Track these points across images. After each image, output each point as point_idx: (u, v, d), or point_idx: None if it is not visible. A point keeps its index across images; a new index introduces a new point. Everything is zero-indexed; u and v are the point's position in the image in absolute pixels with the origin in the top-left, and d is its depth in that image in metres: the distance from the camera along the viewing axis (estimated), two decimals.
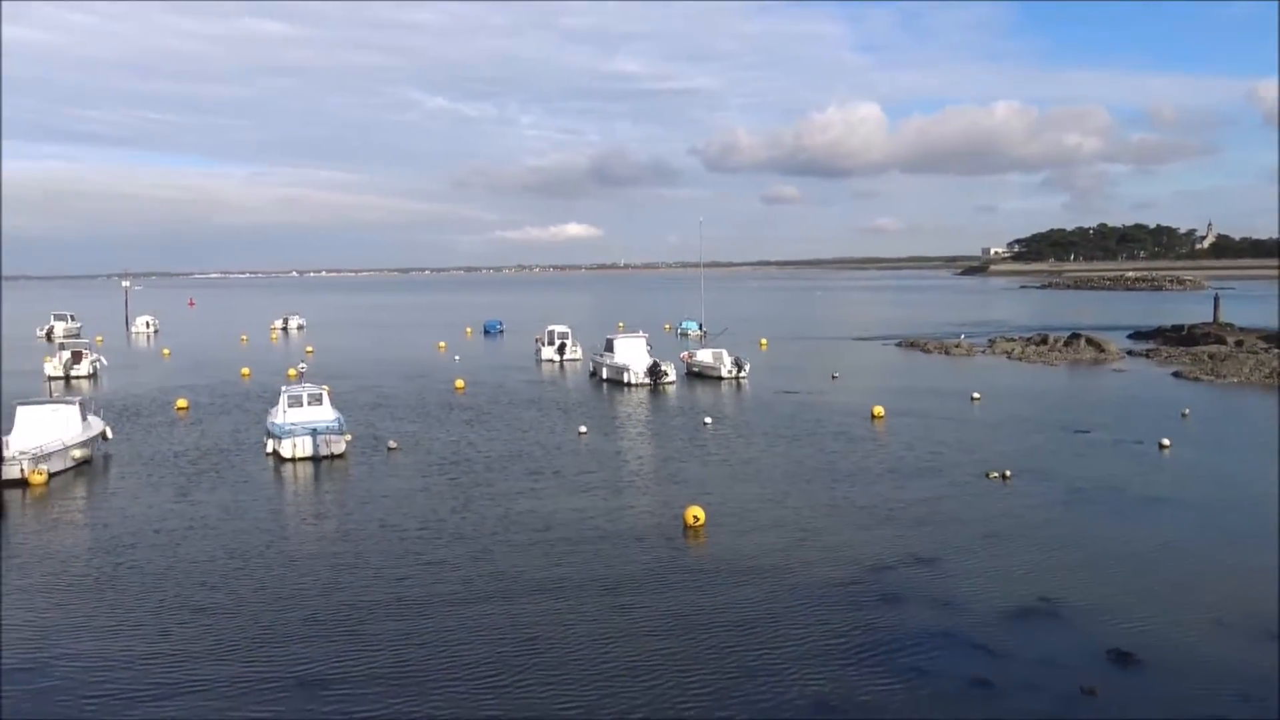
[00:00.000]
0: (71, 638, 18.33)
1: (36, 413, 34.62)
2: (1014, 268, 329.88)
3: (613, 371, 56.34)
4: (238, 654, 17.34)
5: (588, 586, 20.70)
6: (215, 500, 28.76)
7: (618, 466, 33.46)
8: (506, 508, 27.36)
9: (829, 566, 21.79)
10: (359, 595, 20.30)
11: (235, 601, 19.96)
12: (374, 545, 24.01)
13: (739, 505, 27.38)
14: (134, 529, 25.74)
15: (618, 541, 24.04)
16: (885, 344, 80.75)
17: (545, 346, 70.56)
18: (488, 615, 19.10)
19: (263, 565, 22.38)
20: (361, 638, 17.97)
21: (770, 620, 18.59)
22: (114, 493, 30.50)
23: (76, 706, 15.51)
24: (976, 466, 31.72)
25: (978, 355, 69.70)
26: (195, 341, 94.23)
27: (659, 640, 17.71)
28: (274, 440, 35.44)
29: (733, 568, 21.84)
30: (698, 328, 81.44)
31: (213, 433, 40.79)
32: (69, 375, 62.03)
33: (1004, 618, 18.58)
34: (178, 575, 21.72)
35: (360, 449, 36.28)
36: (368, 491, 29.84)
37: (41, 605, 20.13)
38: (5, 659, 17.32)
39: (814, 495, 28.58)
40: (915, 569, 21.57)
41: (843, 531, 24.65)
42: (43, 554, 24.00)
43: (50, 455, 32.24)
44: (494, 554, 23.08)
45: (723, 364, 57.03)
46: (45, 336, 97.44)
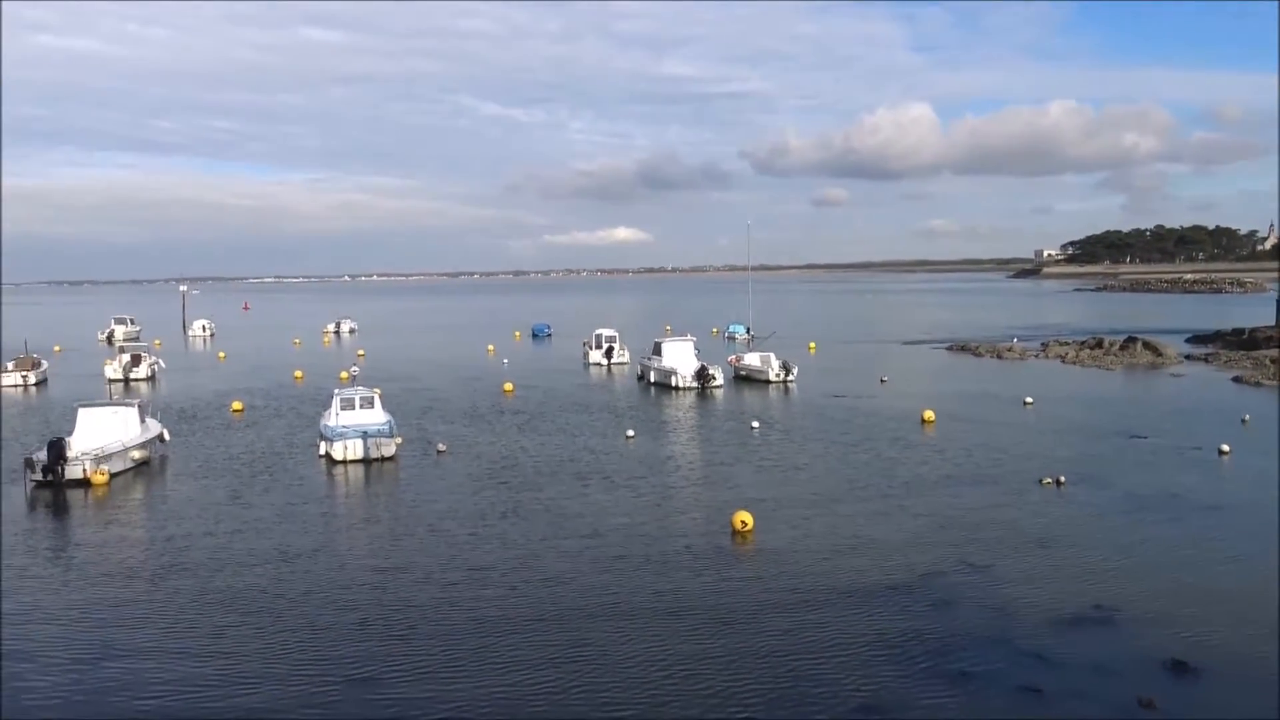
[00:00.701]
0: (128, 634, 18.69)
1: (97, 414, 35.43)
2: (1068, 270, 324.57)
3: (660, 375, 56.32)
4: (288, 653, 17.55)
5: (636, 590, 20.69)
6: (268, 502, 29.19)
7: (666, 471, 33.44)
8: (555, 511, 27.45)
9: (879, 572, 21.58)
10: (408, 598, 20.45)
11: (286, 603, 20.17)
12: (422, 548, 24.21)
13: (788, 510, 27.22)
14: (189, 529, 26.21)
15: (666, 546, 24.01)
16: (935, 348, 79.88)
17: (593, 350, 70.74)
18: (535, 618, 19.15)
19: (312, 567, 22.62)
20: (410, 640, 18.07)
21: (819, 625, 18.46)
22: (171, 493, 31.11)
23: (130, 700, 15.79)
24: (1029, 472, 31.23)
25: (1030, 359, 68.66)
26: (250, 345, 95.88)
27: (707, 644, 17.65)
28: (326, 443, 35.93)
29: (781, 573, 21.71)
30: (745, 331, 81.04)
31: (267, 435, 41.45)
32: (128, 378, 63.43)
33: (1058, 625, 18.26)
34: (230, 575, 22.04)
35: (410, 452, 36.63)
36: (416, 494, 30.12)
37: (100, 600, 20.58)
38: (66, 651, 17.75)
39: (863, 500, 28.33)
40: (967, 575, 21.29)
41: (893, 537, 24.40)
42: (103, 552, 24.56)
43: (111, 456, 32.97)
44: (542, 558, 23.16)
45: (770, 368, 56.75)
46: (106, 340, 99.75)
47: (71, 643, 18.18)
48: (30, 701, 15.79)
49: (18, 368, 62.29)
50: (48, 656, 17.59)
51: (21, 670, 17.03)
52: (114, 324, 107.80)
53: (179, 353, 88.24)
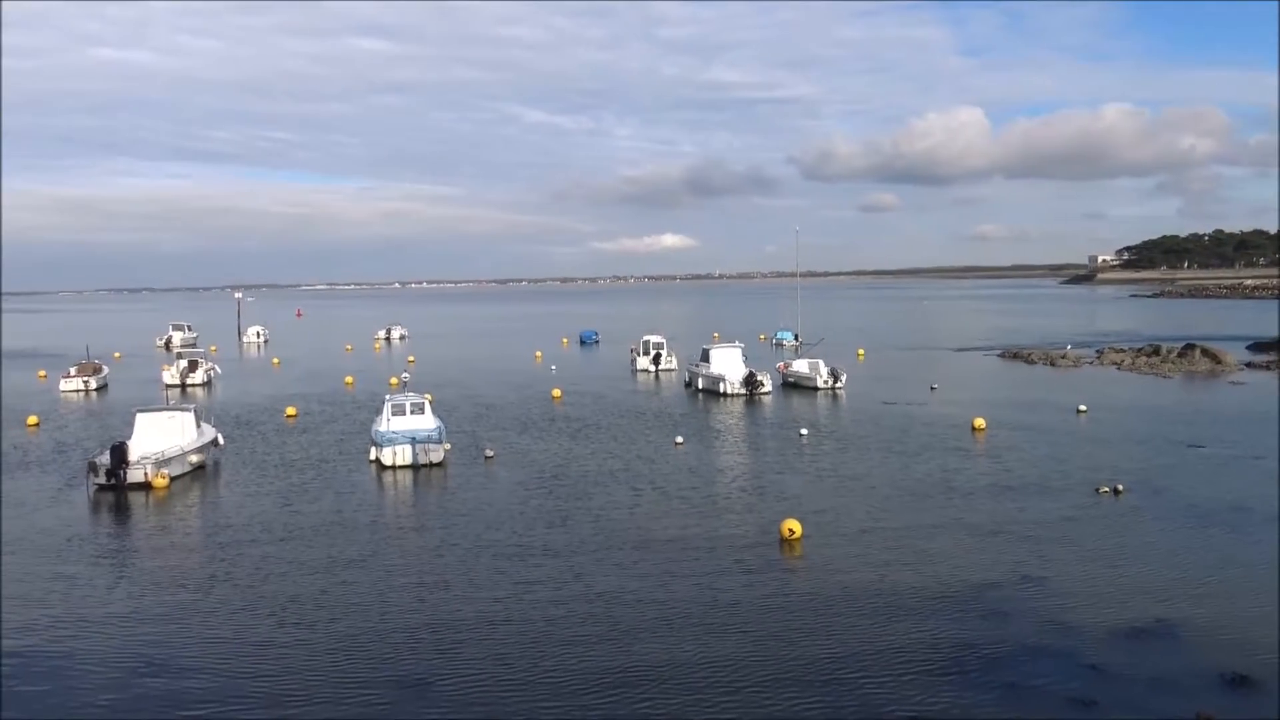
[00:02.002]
0: (179, 641, 19.02)
1: (155, 419, 36.12)
2: (1123, 276, 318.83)
3: (708, 382, 56.22)
4: (336, 664, 17.67)
5: (683, 598, 20.64)
6: (318, 509, 29.45)
7: (714, 477, 33.35)
8: (603, 520, 27.46)
9: (930, 581, 21.32)
10: (455, 610, 20.54)
11: (334, 613, 20.24)
12: (469, 558, 24.29)
13: (836, 518, 27.02)
14: (241, 536, 26.52)
15: (714, 555, 23.93)
16: (986, 354, 78.86)
17: (640, 356, 70.81)
18: (582, 623, 19.20)
19: (360, 577, 22.69)
20: (457, 655, 18.06)
21: (868, 634, 18.29)
22: (226, 498, 31.64)
23: (177, 709, 16.01)
24: (1084, 481, 30.69)
25: (1085, 366, 67.50)
26: (303, 351, 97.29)
27: (754, 651, 17.57)
28: (376, 448, 36.34)
29: (829, 581, 21.55)
30: (793, 338, 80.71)
31: (319, 440, 42.01)
32: (185, 383, 64.64)
33: (1115, 637, 17.90)
34: (279, 583, 22.23)
35: (459, 457, 36.92)
36: (464, 502, 30.32)
37: (154, 605, 20.99)
38: (119, 656, 18.11)
39: (913, 509, 28.03)
40: (1021, 585, 20.96)
41: (944, 546, 24.10)
42: (159, 557, 25.09)
43: (170, 460, 33.65)
44: (589, 570, 23.17)
45: (819, 374, 56.41)
46: (164, 346, 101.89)
47: (124, 648, 18.47)
48: (78, 706, 16.03)
49: (80, 373, 63.85)
50: (102, 660, 17.91)
51: (74, 673, 17.35)
52: (171, 330, 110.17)
53: (234, 359, 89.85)
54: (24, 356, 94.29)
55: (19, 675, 17.21)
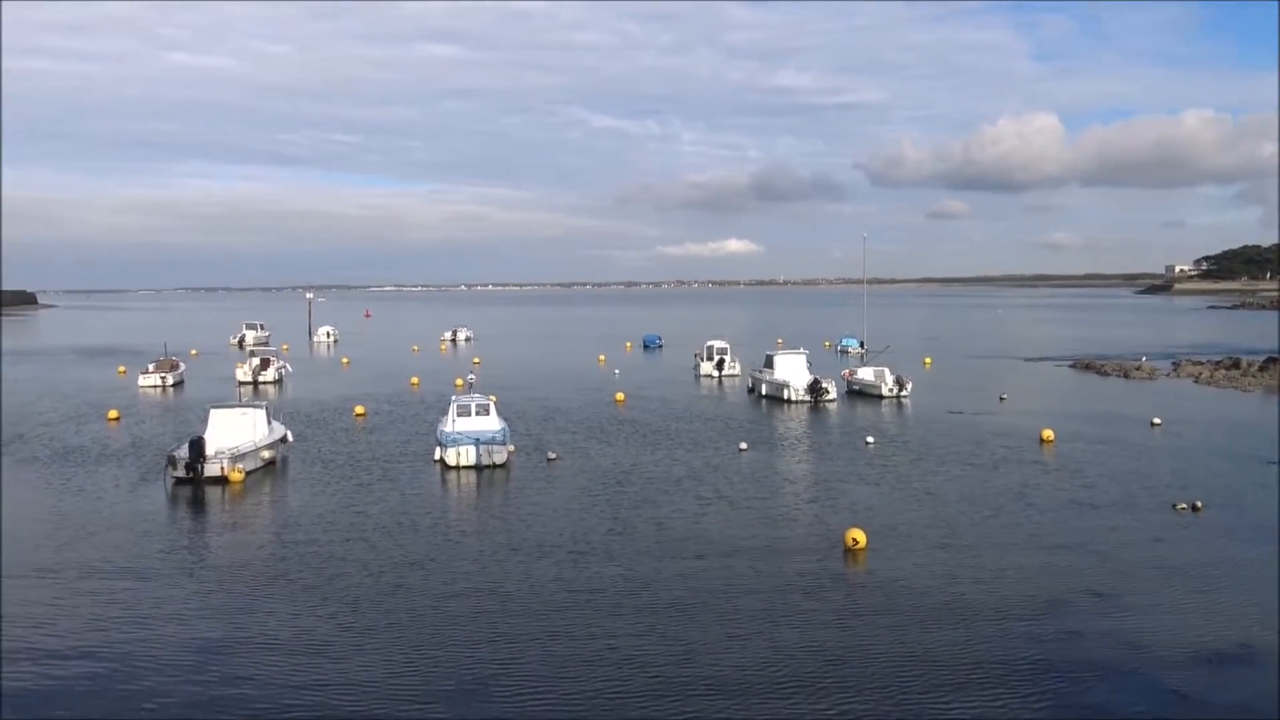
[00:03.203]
0: (245, 631, 19.36)
1: (228, 415, 36.99)
2: (1202, 286, 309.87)
3: (772, 388, 55.87)
4: (395, 659, 17.83)
5: (745, 606, 20.45)
6: (384, 510, 29.61)
7: (778, 485, 33.09)
8: (664, 528, 27.31)
9: (998, 597, 20.85)
10: (513, 617, 20.57)
11: (394, 615, 20.28)
12: (529, 564, 24.26)
13: (901, 528, 26.60)
14: (308, 535, 26.70)
15: (776, 561, 23.71)
16: (1058, 365, 77.20)
17: (704, 362, 70.65)
18: (643, 633, 19.11)
19: (421, 580, 22.71)
20: (517, 652, 18.10)
21: (933, 649, 17.93)
22: (295, 495, 32.19)
23: (237, 706, 16.28)
24: (1160, 496, 29.83)
25: (1160, 379, 65.69)
26: (371, 351, 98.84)
27: (815, 663, 17.33)
28: (441, 448, 36.73)
29: (894, 592, 21.20)
30: (858, 345, 79.85)
31: (386, 440, 42.58)
32: (257, 381, 66.08)
33: (1194, 660, 17.32)
34: (344, 583, 22.36)
35: (522, 459, 37.13)
36: (526, 505, 30.39)
37: (225, 598, 21.43)
38: (184, 651, 18.51)
39: (980, 521, 27.49)
40: (1094, 603, 20.41)
41: (1013, 560, 23.58)
42: (230, 552, 25.64)
43: (244, 455, 34.41)
44: (650, 572, 23.10)
45: (884, 382, 55.73)
46: (237, 344, 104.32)
47: (189, 644, 18.67)
48: (137, 702, 16.26)
49: (158, 369, 65.64)
50: (165, 656, 18.17)
51: (137, 668, 17.67)
52: (245, 329, 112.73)
53: (304, 358, 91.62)
54: (105, 353, 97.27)
55: (83, 668, 17.57)
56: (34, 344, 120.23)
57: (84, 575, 23.07)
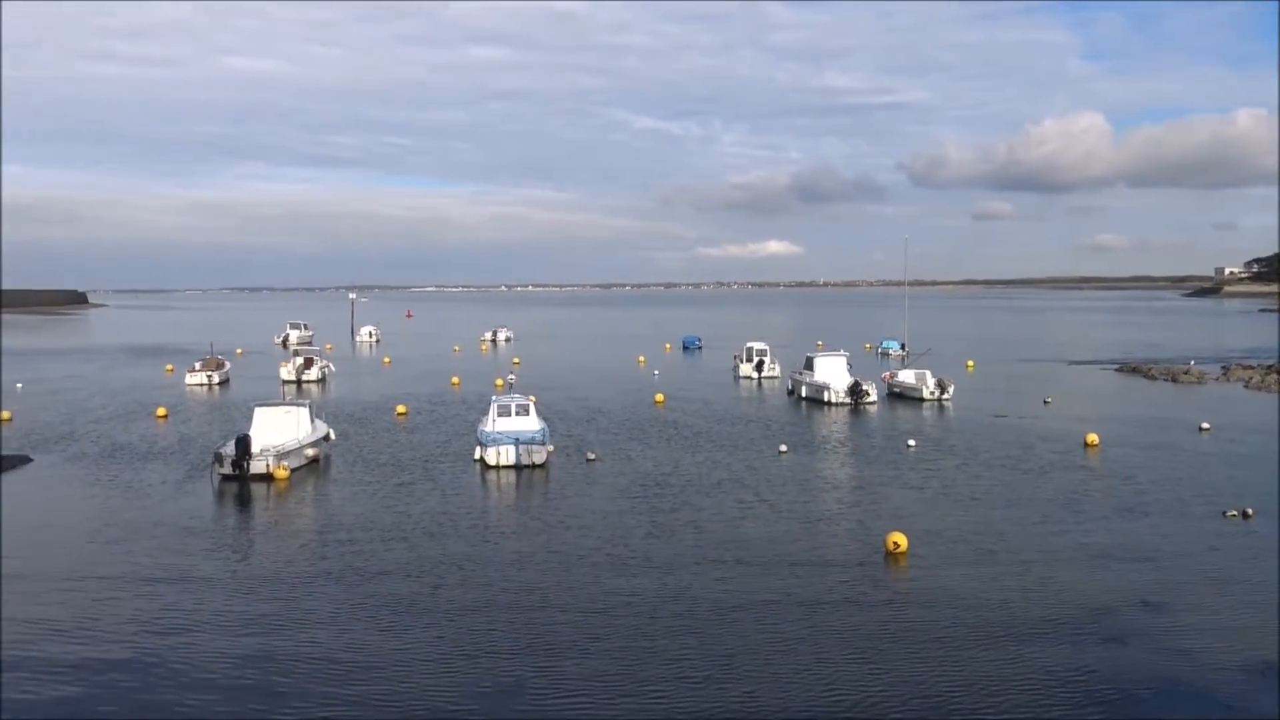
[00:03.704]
0: (284, 630, 19.55)
1: (272, 413, 37.48)
2: (1253, 289, 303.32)
3: (812, 390, 55.59)
4: (433, 661, 17.93)
5: (784, 610, 20.33)
6: (423, 509, 29.71)
7: (818, 488, 32.90)
8: (703, 530, 27.21)
9: (1042, 604, 20.54)
10: (551, 619, 20.59)
11: (440, 612, 20.38)
12: (567, 566, 24.26)
13: (943, 533, 26.32)
14: (348, 535, 26.76)
15: (816, 567, 23.55)
16: (1104, 368, 76.04)
17: (743, 363, 70.45)
18: (679, 633, 19.05)
19: (461, 576, 22.84)
20: (553, 657, 18.08)
21: (976, 656, 17.71)
22: (337, 494, 32.50)
23: (274, 697, 16.45)
24: (1209, 503, 29.26)
25: (1210, 383, 64.45)
26: (412, 351, 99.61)
27: (856, 669, 17.19)
28: (481, 448, 36.94)
29: (935, 598, 20.98)
30: (899, 347, 79.20)
31: (426, 439, 42.89)
32: (301, 380, 66.90)
33: (1248, 672, 16.90)
34: (383, 582, 22.46)
35: (561, 459, 37.24)
36: (565, 505, 30.42)
37: (266, 595, 21.67)
38: (226, 650, 18.74)
39: (1024, 526, 27.12)
40: (1142, 612, 20.03)
41: (1057, 567, 23.23)
42: (273, 548, 25.96)
43: (289, 453, 34.85)
44: (688, 575, 23.02)
45: (925, 385, 55.24)
46: (281, 344, 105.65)
47: (230, 642, 18.87)
48: (181, 699, 16.42)
49: (204, 368, 66.65)
50: (208, 654, 18.37)
51: (177, 669, 17.84)
52: (289, 329, 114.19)
53: (347, 357, 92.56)
54: (153, 352, 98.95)
55: (125, 665, 17.79)
56: (85, 343, 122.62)
57: (130, 571, 23.46)
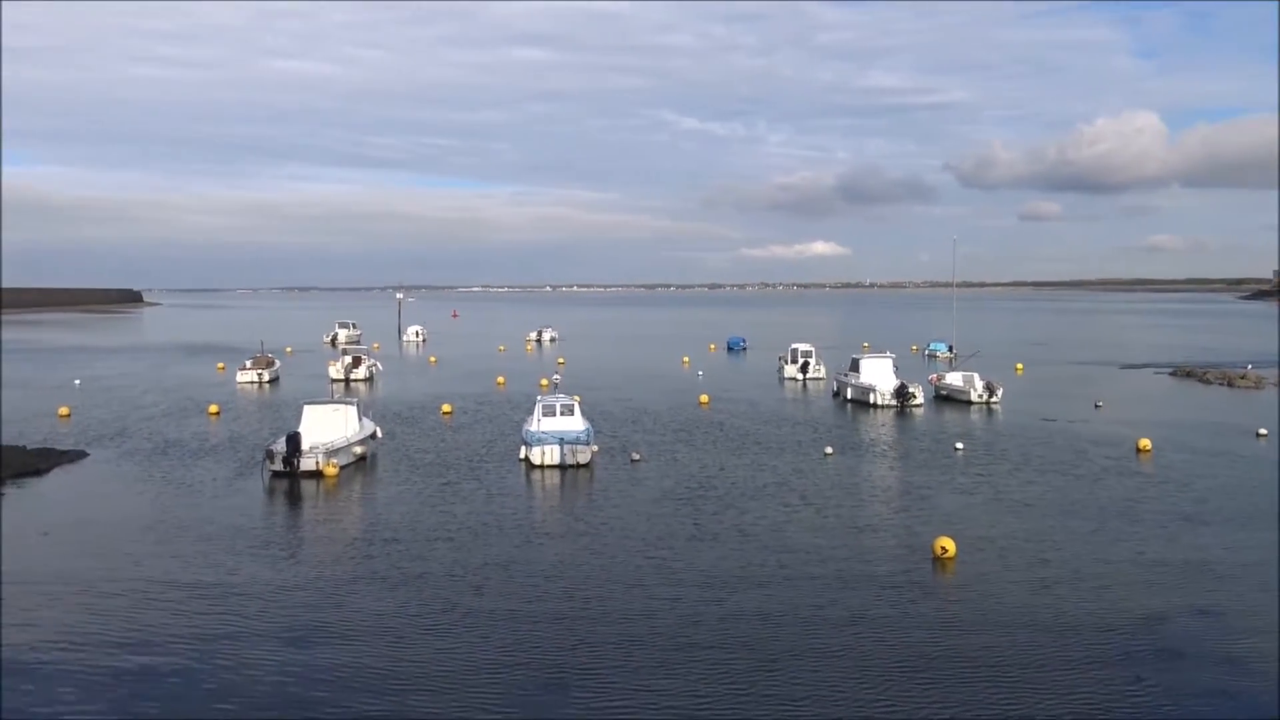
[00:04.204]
0: (327, 629, 19.74)
1: (321, 411, 37.97)
2: None
3: (858, 392, 55.17)
4: (481, 656, 18.03)
5: (829, 616, 20.19)
6: (468, 509, 29.84)
7: (864, 491, 32.65)
8: (746, 533, 27.08)
9: (1095, 612, 20.18)
10: (593, 615, 20.63)
11: (482, 613, 20.41)
12: (609, 568, 24.23)
13: (992, 538, 25.97)
14: (394, 534, 26.87)
15: (862, 568, 23.38)
16: (1157, 372, 74.61)
17: (788, 365, 70.10)
18: (723, 637, 18.97)
19: (505, 576, 22.87)
20: (595, 659, 18.09)
21: (1026, 664, 17.45)
22: (384, 491, 32.81)
23: (315, 696, 16.63)
24: (1265, 511, 28.58)
25: (1269, 388, 62.93)
26: (458, 351, 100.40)
27: (902, 677, 17.01)
28: (526, 447, 37.13)
29: (984, 604, 20.71)
30: (947, 349, 78.38)
31: (472, 438, 43.18)
32: (349, 378, 67.74)
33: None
34: (428, 581, 22.56)
35: (606, 459, 37.31)
36: (608, 505, 30.46)
37: (312, 593, 21.95)
38: (267, 648, 18.98)
39: (1075, 532, 26.67)
40: (1196, 621, 19.61)
41: (1109, 574, 22.81)
42: (321, 545, 26.29)
43: (338, 450, 35.30)
44: (732, 579, 22.92)
45: (973, 388, 54.59)
46: (330, 342, 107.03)
47: (276, 640, 19.02)
48: (225, 694, 16.63)
49: (254, 366, 67.73)
50: (253, 650, 18.62)
51: (220, 666, 18.06)
52: (337, 328, 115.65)
53: (394, 356, 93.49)
54: (205, 350, 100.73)
55: (170, 660, 18.06)
56: (139, 341, 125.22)
57: (179, 567, 23.88)
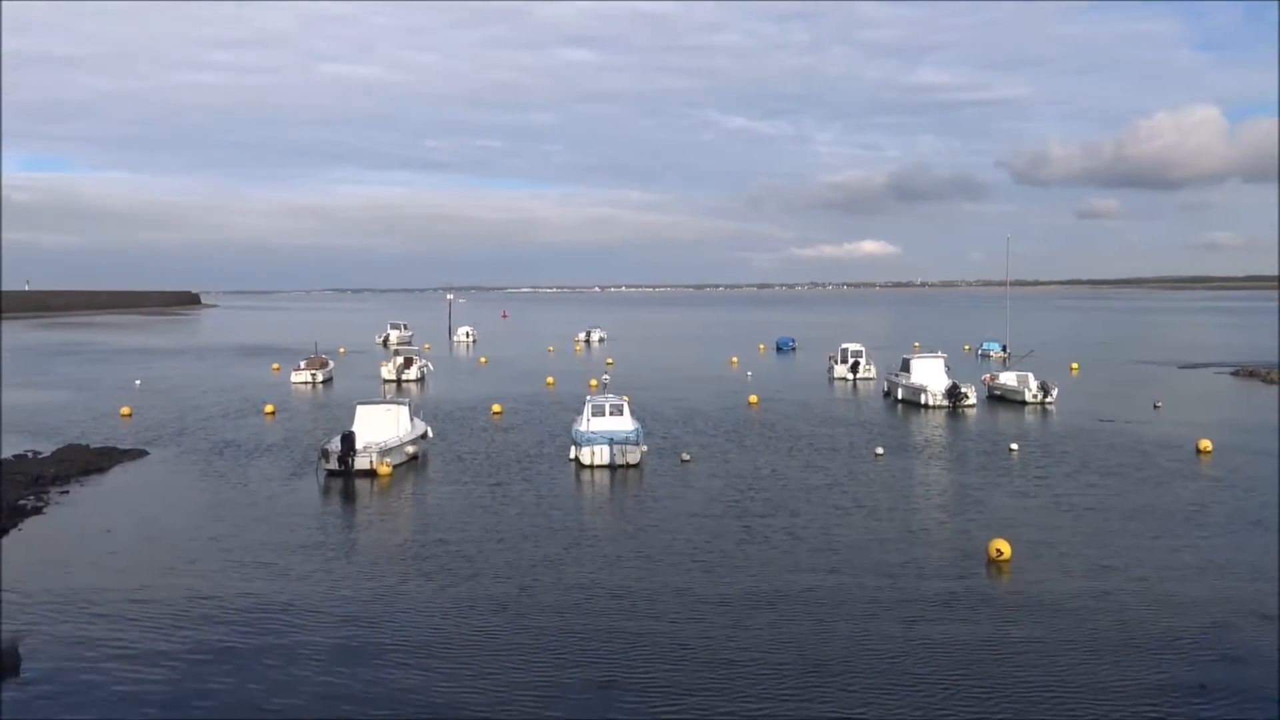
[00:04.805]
0: (377, 629, 19.95)
1: (373, 411, 38.41)
2: None
3: (909, 392, 54.61)
4: (529, 655, 18.13)
5: (881, 617, 20.01)
6: (519, 507, 30.05)
7: (916, 492, 32.31)
8: (796, 535, 26.87)
9: (1155, 617, 19.77)
10: (640, 616, 20.61)
11: (530, 614, 20.41)
12: (658, 569, 24.17)
13: (1048, 541, 25.55)
14: (444, 534, 26.99)
15: (914, 570, 23.13)
16: (1218, 372, 72.90)
17: (838, 365, 69.60)
18: (772, 641, 18.87)
19: (553, 577, 22.87)
20: (644, 654, 18.10)
21: (1084, 671, 17.13)
22: (435, 491, 33.10)
23: (365, 689, 16.81)
24: None
25: None
26: (508, 351, 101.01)
27: (956, 683, 16.79)
28: (576, 447, 37.25)
29: (1040, 608, 20.36)
30: (1001, 349, 77.29)
31: (522, 438, 43.41)
32: (401, 379, 68.48)
33: None
34: (479, 580, 22.69)
35: (655, 459, 37.30)
36: (658, 506, 30.42)
37: (363, 590, 22.19)
38: (322, 644, 19.22)
39: (1135, 535, 26.16)
40: (1262, 628, 19.11)
41: (1170, 578, 22.31)
42: (374, 544, 26.59)
43: (391, 450, 35.70)
44: (781, 577, 22.83)
45: (1028, 388, 53.77)
46: (382, 343, 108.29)
47: (326, 636, 19.24)
48: (274, 693, 16.80)
49: (308, 366, 68.75)
50: (304, 647, 18.82)
51: (270, 665, 18.25)
52: (389, 328, 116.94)
53: (445, 357, 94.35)
54: (261, 351, 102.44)
55: (222, 657, 18.31)
56: (196, 342, 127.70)
57: (233, 565, 24.29)
